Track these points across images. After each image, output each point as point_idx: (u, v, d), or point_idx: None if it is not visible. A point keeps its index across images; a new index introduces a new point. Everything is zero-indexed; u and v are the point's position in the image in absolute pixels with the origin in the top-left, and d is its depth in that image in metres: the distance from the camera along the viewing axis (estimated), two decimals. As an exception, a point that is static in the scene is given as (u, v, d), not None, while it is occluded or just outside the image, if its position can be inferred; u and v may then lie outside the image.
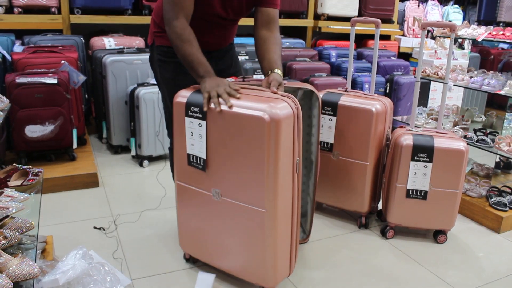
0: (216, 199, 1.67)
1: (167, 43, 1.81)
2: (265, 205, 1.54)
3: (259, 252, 1.63)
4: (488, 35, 2.70)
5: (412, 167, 2.11)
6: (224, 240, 1.72)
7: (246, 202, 1.59)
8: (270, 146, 1.46)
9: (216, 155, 1.61)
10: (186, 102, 1.62)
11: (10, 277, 1.20)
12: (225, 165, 1.60)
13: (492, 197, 2.48)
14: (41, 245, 1.79)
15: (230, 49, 2.04)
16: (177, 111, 1.67)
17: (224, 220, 1.68)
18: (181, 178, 1.76)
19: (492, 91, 2.57)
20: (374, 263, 2.05)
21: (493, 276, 2.00)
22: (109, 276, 1.67)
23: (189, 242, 1.87)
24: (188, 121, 1.63)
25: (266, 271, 1.64)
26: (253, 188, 1.55)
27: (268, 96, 1.54)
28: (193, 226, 1.80)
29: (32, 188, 1.77)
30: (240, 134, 1.51)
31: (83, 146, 3.11)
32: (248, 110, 1.48)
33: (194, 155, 1.66)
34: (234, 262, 1.73)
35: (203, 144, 1.61)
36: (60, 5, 3.44)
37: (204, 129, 1.59)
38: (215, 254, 1.78)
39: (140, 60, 3.13)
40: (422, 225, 2.22)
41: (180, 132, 1.68)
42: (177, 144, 1.72)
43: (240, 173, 1.57)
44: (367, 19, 2.50)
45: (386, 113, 2.22)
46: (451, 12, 5.52)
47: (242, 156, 1.54)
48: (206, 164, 1.64)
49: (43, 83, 2.61)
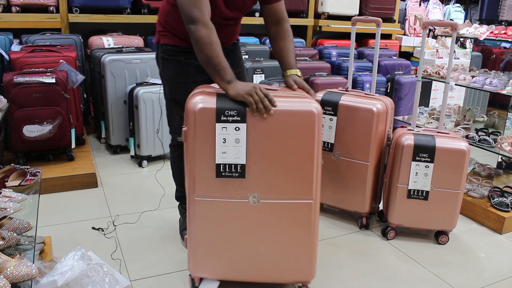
0: (254, 204, 1.60)
1: (170, 41, 1.83)
2: (312, 195, 1.60)
3: (303, 246, 1.65)
4: (490, 34, 2.68)
5: (413, 167, 2.09)
6: (260, 247, 1.66)
7: (290, 198, 1.60)
8: (317, 137, 1.55)
9: (255, 157, 1.55)
10: (216, 108, 1.50)
11: (8, 278, 1.19)
12: (265, 166, 1.56)
13: (494, 198, 2.47)
14: (39, 246, 1.78)
15: (235, 49, 2.03)
16: (201, 118, 1.51)
17: (263, 225, 1.63)
18: (205, 192, 1.59)
19: (494, 91, 2.56)
20: (375, 264, 2.03)
21: (495, 277, 1.98)
22: (108, 277, 1.66)
23: (207, 265, 1.70)
24: (221, 127, 1.51)
25: (309, 264, 1.68)
26: (299, 181, 1.59)
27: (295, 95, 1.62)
28: (217, 244, 1.66)
29: (30, 188, 1.76)
30: (286, 130, 1.54)
31: (81, 146, 3.09)
32: (293, 106, 1.54)
33: (227, 163, 1.55)
34: (270, 268, 1.69)
35: (241, 149, 1.53)
36: (58, 4, 3.43)
37: (243, 133, 1.52)
38: (246, 267, 1.69)
39: (139, 59, 3.12)
40: (423, 225, 2.21)
41: (203, 142, 1.53)
42: (198, 156, 1.56)
43: (285, 170, 1.57)
44: (368, 18, 2.48)
45: (387, 112, 2.20)
46: (452, 11, 5.51)
47: (287, 152, 1.55)
48: (244, 170, 1.57)
49: (41, 82, 2.60)
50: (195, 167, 1.56)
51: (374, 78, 2.46)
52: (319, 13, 4.55)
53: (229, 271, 1.71)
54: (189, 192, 1.61)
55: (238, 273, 1.71)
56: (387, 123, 2.23)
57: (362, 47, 4.57)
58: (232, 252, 1.67)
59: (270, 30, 1.86)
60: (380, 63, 4.19)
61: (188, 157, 1.57)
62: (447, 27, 2.92)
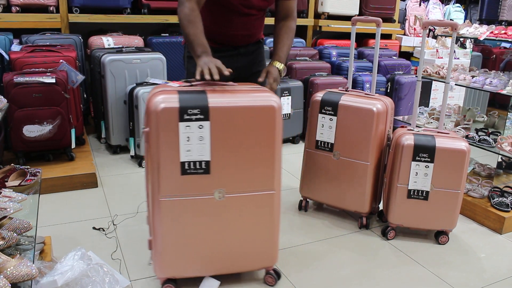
0: (219, 199, 1.64)
1: None
2: (274, 186, 1.67)
3: (267, 235, 1.73)
4: (490, 34, 2.68)
5: (413, 167, 2.09)
6: (226, 241, 1.70)
7: (254, 191, 1.66)
8: (278, 130, 1.62)
9: (219, 154, 1.59)
10: (179, 106, 1.51)
11: (8, 278, 1.19)
12: (229, 162, 1.60)
13: (494, 198, 2.47)
14: (39, 246, 1.78)
15: (258, 48, 2.07)
16: (164, 118, 1.52)
17: (228, 219, 1.67)
18: (170, 192, 1.60)
19: (494, 91, 2.56)
20: (375, 264, 2.03)
21: (494, 277, 1.98)
22: (108, 277, 1.66)
23: (175, 264, 1.71)
24: (184, 125, 1.53)
25: (272, 250, 1.77)
26: (262, 174, 1.65)
27: (254, 89, 1.66)
28: (184, 243, 1.68)
29: (30, 188, 1.76)
30: (248, 125, 1.58)
31: (81, 146, 3.09)
32: (254, 102, 1.58)
33: (192, 161, 1.58)
34: (236, 259, 1.74)
35: (205, 146, 1.57)
36: (59, 4, 3.43)
37: (207, 130, 1.55)
38: (213, 261, 1.73)
39: (139, 59, 3.11)
40: (423, 225, 2.21)
41: (166, 141, 1.54)
42: (162, 155, 1.56)
43: (248, 164, 1.62)
44: (368, 18, 2.48)
45: (387, 112, 2.20)
46: (452, 11, 5.51)
47: (249, 146, 1.61)
48: (209, 166, 1.60)
49: (41, 82, 2.60)
50: (160, 167, 1.56)
51: (374, 78, 2.46)
52: (319, 13, 4.55)
53: (197, 267, 1.74)
54: (153, 193, 1.61)
55: (206, 268, 1.75)
56: (387, 123, 2.23)
57: (362, 47, 4.57)
58: (199, 248, 1.70)
59: (277, 25, 1.95)
60: (380, 63, 4.19)
61: (151, 157, 1.58)
62: (447, 27, 2.92)
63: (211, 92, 1.57)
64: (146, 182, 1.68)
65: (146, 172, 1.64)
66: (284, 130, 3.54)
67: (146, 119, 1.57)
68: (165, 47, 3.62)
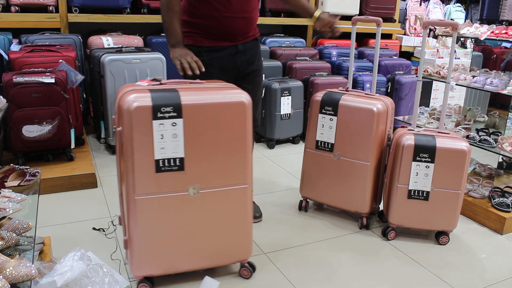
0: (194, 195, 1.67)
1: (193, 42, 1.97)
2: (246, 180, 1.72)
3: (240, 228, 1.77)
4: (490, 34, 2.67)
5: (414, 167, 2.09)
6: (202, 236, 1.73)
7: (227, 185, 1.70)
8: (248, 125, 1.67)
9: (192, 150, 1.62)
10: (152, 105, 1.53)
11: (7, 279, 1.19)
12: (203, 158, 1.64)
13: (495, 198, 2.46)
14: (38, 246, 1.77)
15: (255, 45, 2.12)
16: (138, 117, 1.53)
17: (203, 214, 1.70)
18: (145, 190, 1.60)
19: (494, 91, 2.55)
20: (375, 264, 2.03)
21: (495, 277, 1.98)
22: (108, 277, 1.65)
23: (151, 262, 1.71)
24: (158, 123, 1.55)
25: (246, 243, 1.81)
26: (234, 169, 1.69)
27: (223, 87, 1.72)
28: (160, 240, 1.69)
29: (29, 188, 1.75)
30: (220, 121, 1.63)
31: (81, 146, 3.08)
32: (224, 98, 1.64)
33: (166, 158, 1.60)
34: (212, 254, 1.77)
35: (179, 143, 1.60)
36: (58, 3, 3.42)
37: (180, 127, 1.59)
38: (189, 257, 1.74)
39: (139, 59, 3.11)
40: (424, 226, 2.20)
41: (140, 140, 1.55)
42: (136, 154, 1.56)
43: (221, 159, 1.66)
44: (369, 17, 2.48)
45: (388, 112, 2.20)
46: (453, 10, 5.50)
47: (222, 142, 1.65)
48: (183, 163, 1.62)
49: (41, 82, 2.59)
50: (134, 165, 1.57)
51: (374, 78, 2.45)
52: (319, 13, 4.53)
53: (173, 264, 1.75)
54: (127, 193, 1.62)
55: (183, 264, 1.76)
56: (387, 123, 2.22)
57: (363, 47, 4.56)
58: (175, 245, 1.71)
59: None
60: (380, 63, 4.18)
61: (125, 157, 1.59)
62: (448, 27, 2.92)
63: (183, 90, 1.61)
64: (119, 182, 1.69)
65: (119, 172, 1.66)
66: (284, 130, 3.59)
67: (118, 118, 1.58)
68: (165, 47, 3.61)
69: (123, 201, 1.69)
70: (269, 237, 2.20)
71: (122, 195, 1.69)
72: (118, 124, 1.58)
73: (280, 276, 1.90)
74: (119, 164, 1.65)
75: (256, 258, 2.01)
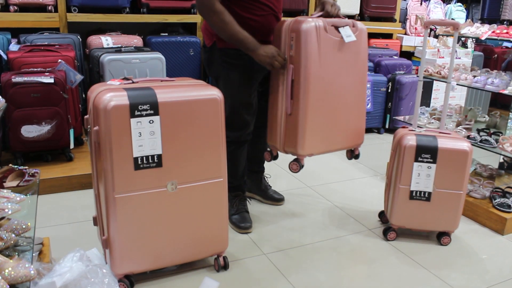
0: (172, 191, 1.69)
1: (230, 45, 2.00)
2: (221, 173, 1.78)
3: (217, 221, 1.82)
4: (491, 34, 2.66)
5: (415, 168, 2.08)
6: (180, 231, 1.76)
7: (204, 179, 1.75)
8: (221, 121, 1.73)
9: (169, 146, 1.65)
10: (130, 103, 1.55)
11: (6, 280, 1.18)
12: (180, 154, 1.68)
13: (496, 198, 2.45)
14: (37, 247, 1.76)
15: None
16: (115, 116, 1.54)
17: (181, 209, 1.73)
18: (125, 188, 1.62)
19: (495, 91, 2.54)
20: (376, 265, 2.02)
21: (497, 278, 1.97)
22: (107, 278, 1.64)
23: (132, 260, 1.72)
24: (135, 121, 1.58)
25: (222, 235, 1.86)
26: (210, 163, 1.75)
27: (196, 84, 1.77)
28: (140, 237, 1.70)
29: (28, 189, 1.74)
30: (195, 117, 1.68)
31: (80, 146, 3.07)
32: (198, 96, 1.69)
33: (144, 155, 1.62)
34: (190, 248, 1.80)
35: (157, 140, 1.63)
36: (57, 3, 3.40)
37: (157, 125, 1.62)
38: (168, 252, 1.77)
39: (138, 59, 3.09)
40: (425, 227, 2.19)
41: (118, 138, 1.56)
42: (115, 153, 1.58)
43: (197, 154, 1.71)
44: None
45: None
46: (454, 10, 5.49)
47: (197, 137, 1.70)
48: (161, 160, 1.65)
49: (40, 82, 2.58)
50: (113, 164, 1.59)
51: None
52: (319, 13, 4.52)
53: (153, 260, 1.76)
54: (106, 191, 1.63)
55: (162, 260, 1.78)
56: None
57: (363, 47, 4.55)
58: (154, 241, 1.73)
59: None
60: (381, 62, 4.18)
61: (102, 156, 1.59)
62: (449, 27, 2.91)
63: (157, 88, 1.64)
64: (95, 181, 1.70)
65: (95, 171, 1.67)
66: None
67: (93, 118, 1.59)
68: (165, 46, 3.60)
69: (100, 201, 1.70)
70: (269, 237, 2.20)
71: (99, 195, 1.70)
72: (93, 123, 1.59)
73: (280, 276, 1.89)
74: (95, 163, 1.66)
75: (256, 258, 2.00)
